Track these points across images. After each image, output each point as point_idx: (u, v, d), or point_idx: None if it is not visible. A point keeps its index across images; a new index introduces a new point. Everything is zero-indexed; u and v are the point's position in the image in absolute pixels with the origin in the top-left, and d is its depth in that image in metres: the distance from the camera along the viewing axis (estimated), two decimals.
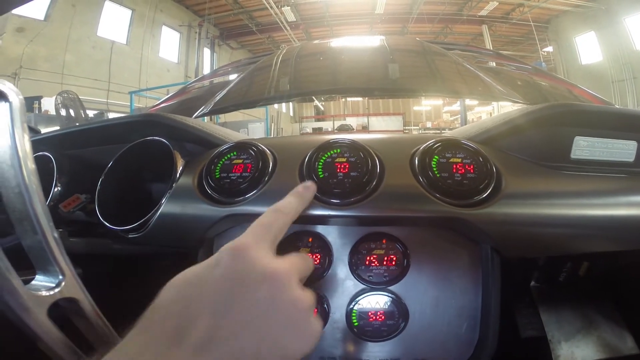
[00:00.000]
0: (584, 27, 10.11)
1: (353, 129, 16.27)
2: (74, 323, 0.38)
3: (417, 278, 0.52)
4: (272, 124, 9.76)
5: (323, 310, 0.52)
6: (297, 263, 0.31)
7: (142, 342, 0.24)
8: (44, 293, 0.33)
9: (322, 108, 19.82)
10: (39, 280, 0.35)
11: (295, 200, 0.37)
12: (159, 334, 0.24)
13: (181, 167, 0.59)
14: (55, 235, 0.34)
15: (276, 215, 0.33)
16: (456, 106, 14.41)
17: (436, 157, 0.50)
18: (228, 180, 0.52)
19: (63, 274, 0.35)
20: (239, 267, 0.27)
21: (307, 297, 0.29)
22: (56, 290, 0.34)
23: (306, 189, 0.40)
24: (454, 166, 0.49)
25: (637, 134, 0.55)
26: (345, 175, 0.49)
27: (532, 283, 0.78)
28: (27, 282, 0.34)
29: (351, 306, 0.52)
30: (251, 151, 0.54)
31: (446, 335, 0.52)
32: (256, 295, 0.26)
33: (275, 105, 13.69)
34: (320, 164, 0.50)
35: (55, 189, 0.71)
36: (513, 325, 0.76)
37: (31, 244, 0.34)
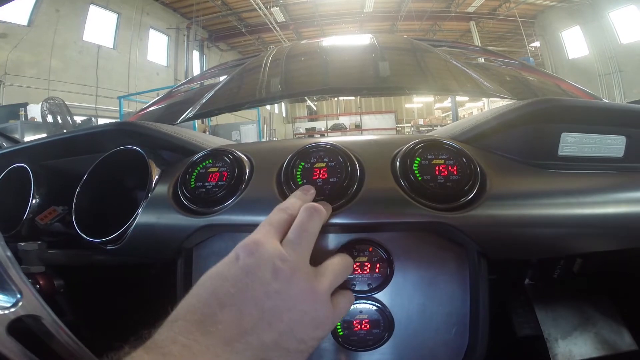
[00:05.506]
0: (569, 21, 10.25)
1: (346, 128, 16.33)
2: (45, 341, 0.38)
3: (402, 285, 0.50)
4: (265, 125, 9.72)
5: None
6: (332, 264, 0.35)
7: (173, 332, 0.26)
8: None
9: (315, 108, 19.82)
10: None
11: (297, 200, 0.39)
12: (185, 324, 0.26)
13: (157, 176, 0.57)
14: (9, 254, 0.33)
15: (280, 213, 0.35)
16: (447, 103, 14.49)
17: (418, 159, 0.48)
18: (204, 190, 0.50)
19: (20, 293, 0.34)
20: (253, 262, 0.29)
21: (320, 286, 0.31)
22: (12, 309, 0.34)
23: (306, 191, 0.43)
24: (437, 168, 0.47)
25: (625, 129, 0.53)
26: (325, 181, 0.47)
27: (527, 281, 0.77)
28: None
29: None
30: (227, 159, 0.52)
31: (435, 342, 0.50)
32: (269, 287, 0.28)
33: (267, 107, 13.65)
34: (299, 170, 0.48)
35: (34, 201, 0.69)
36: (509, 324, 0.75)
37: None
